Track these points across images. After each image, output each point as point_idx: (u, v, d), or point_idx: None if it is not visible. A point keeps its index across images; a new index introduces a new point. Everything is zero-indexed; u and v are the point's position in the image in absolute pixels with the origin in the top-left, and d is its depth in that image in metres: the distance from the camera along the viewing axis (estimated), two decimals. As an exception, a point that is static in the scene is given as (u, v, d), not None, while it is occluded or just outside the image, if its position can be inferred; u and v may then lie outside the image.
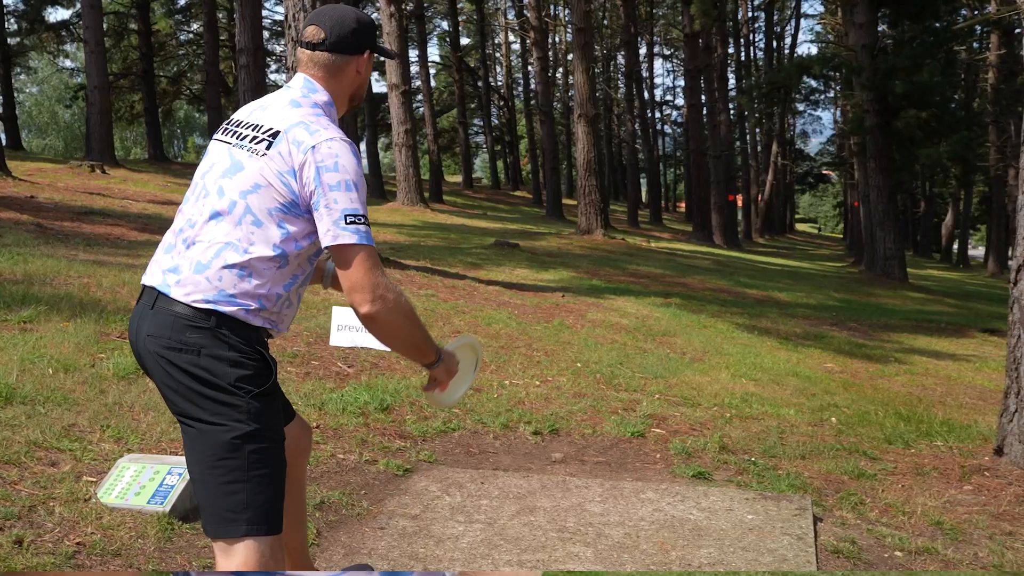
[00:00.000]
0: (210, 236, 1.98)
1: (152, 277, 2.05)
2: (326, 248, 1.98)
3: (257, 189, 1.97)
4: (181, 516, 3.02)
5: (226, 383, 1.91)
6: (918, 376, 7.66)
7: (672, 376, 6.40)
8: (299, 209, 1.97)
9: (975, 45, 31.42)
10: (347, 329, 5.96)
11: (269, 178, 1.96)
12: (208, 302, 1.94)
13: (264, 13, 36.35)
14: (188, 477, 3.06)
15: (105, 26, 24.21)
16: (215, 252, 1.96)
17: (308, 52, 2.11)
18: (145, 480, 3.09)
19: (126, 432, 3.72)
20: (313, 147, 1.94)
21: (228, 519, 1.89)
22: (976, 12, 26.79)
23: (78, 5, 24.03)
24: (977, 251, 51.69)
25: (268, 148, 1.97)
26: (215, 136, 2.14)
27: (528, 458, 4.26)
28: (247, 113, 2.13)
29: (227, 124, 2.12)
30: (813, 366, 7.61)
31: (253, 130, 2.03)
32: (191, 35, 33.75)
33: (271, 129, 2.00)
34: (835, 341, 9.30)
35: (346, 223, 1.93)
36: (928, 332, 10.86)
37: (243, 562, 1.88)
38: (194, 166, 31.36)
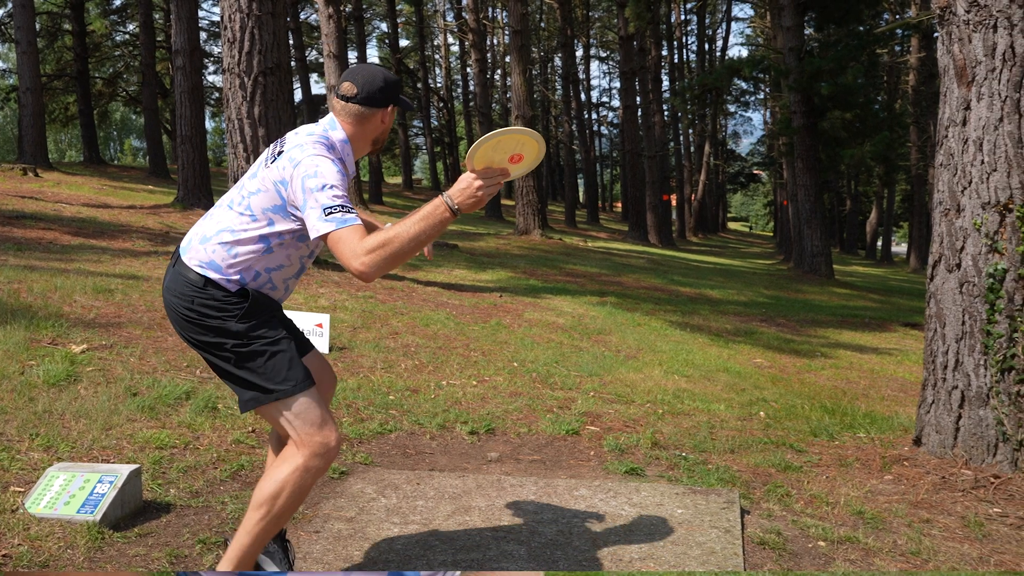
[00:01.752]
0: (215, 218, 2.53)
1: (182, 242, 2.59)
2: (315, 239, 2.43)
3: (259, 192, 2.49)
4: (112, 525, 2.99)
5: (213, 318, 2.46)
6: (843, 370, 7.91)
7: (607, 374, 6.51)
8: (286, 211, 2.47)
9: (897, 48, 32.49)
10: (284, 331, 5.91)
11: (267, 185, 2.47)
12: (201, 267, 2.49)
13: (201, 14, 35.63)
14: (119, 485, 3.04)
15: (38, 26, 23.50)
16: (216, 232, 2.50)
17: (341, 103, 2.58)
18: (75, 489, 3.05)
19: (56, 440, 3.65)
20: (298, 163, 2.40)
21: (249, 398, 2.46)
22: (897, 16, 27.69)
23: (9, 5, 23.20)
24: (900, 247, 53.44)
25: (273, 162, 2.49)
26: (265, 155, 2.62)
27: (464, 458, 4.30)
28: (281, 141, 2.60)
29: (273, 146, 2.61)
30: (743, 362, 7.80)
31: (275, 147, 2.55)
32: (127, 36, 32.91)
33: (281, 150, 2.50)
34: (764, 337, 9.54)
35: (325, 216, 2.31)
36: (853, 327, 11.21)
37: (279, 411, 2.44)
38: (131, 168, 30.50)
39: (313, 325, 5.99)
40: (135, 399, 4.35)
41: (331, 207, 2.30)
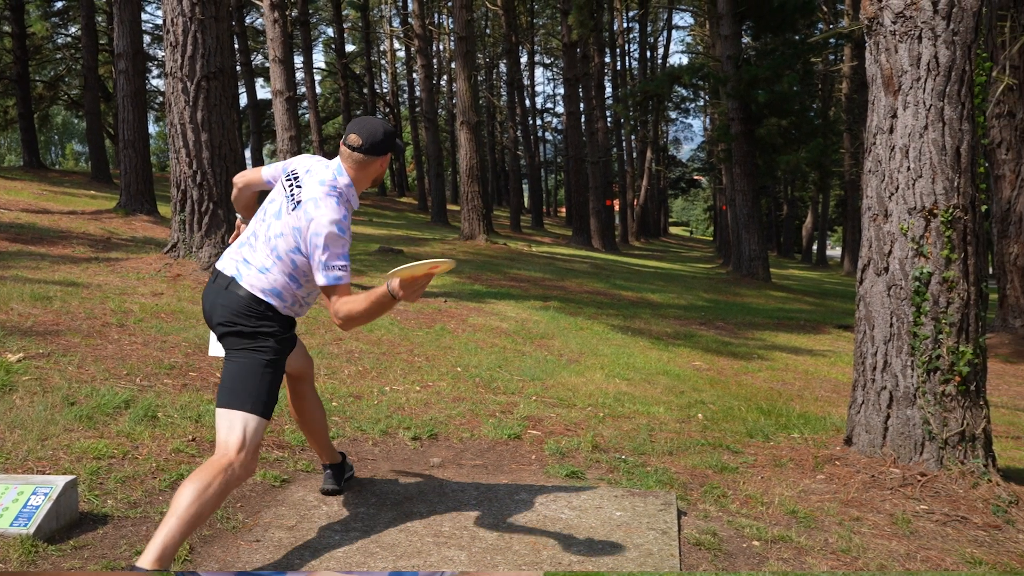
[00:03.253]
0: (265, 252, 3.02)
1: (227, 266, 3.06)
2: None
3: (282, 236, 3.00)
4: (46, 538, 2.94)
5: (257, 345, 2.99)
6: (779, 371, 8.09)
7: (549, 378, 6.57)
8: (303, 253, 2.99)
9: (831, 57, 33.33)
10: (225, 339, 5.85)
11: (288, 231, 2.99)
12: (258, 290, 2.99)
13: (144, 17, 34.92)
14: (54, 497, 2.99)
15: (-24, 28, 22.83)
16: (269, 265, 3.00)
17: (348, 151, 3.07)
18: (8, 502, 2.98)
19: (-16, 453, 3.57)
20: (311, 219, 2.92)
21: (236, 402, 2.88)
22: (831, 26, 28.41)
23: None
24: (835, 251, 54.75)
25: (294, 210, 2.98)
26: (284, 181, 3.11)
27: (407, 464, 4.31)
28: (301, 170, 3.10)
29: (291, 170, 3.12)
30: (682, 364, 7.94)
31: (294, 191, 3.02)
32: (69, 38, 32.10)
33: (300, 200, 2.98)
34: (703, 340, 9.71)
35: (325, 271, 2.92)
36: (788, 329, 11.47)
37: (242, 427, 2.87)
38: (73, 173, 29.78)
39: (254, 332, 5.93)
40: (72, 408, 4.27)
41: (331, 266, 2.92)
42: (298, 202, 2.97)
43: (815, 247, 42.36)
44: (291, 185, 3.05)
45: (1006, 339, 10.76)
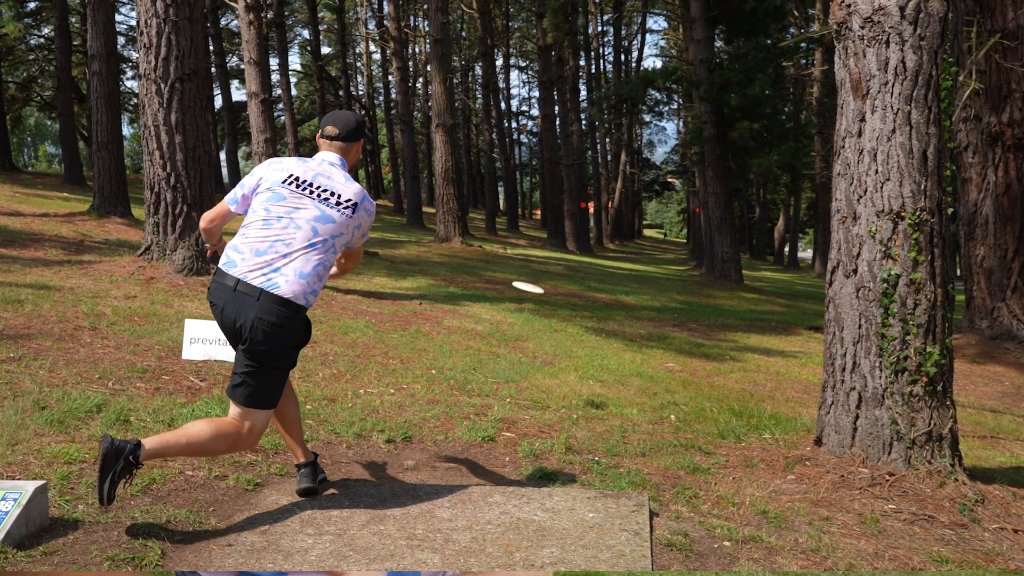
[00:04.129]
0: (304, 256, 3.36)
1: (254, 278, 3.32)
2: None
3: (341, 233, 3.46)
4: (16, 544, 2.91)
5: (294, 341, 3.43)
6: (751, 373, 8.17)
7: (523, 380, 6.59)
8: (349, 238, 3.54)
9: (802, 61, 33.67)
10: (200, 342, 5.83)
11: (347, 228, 3.47)
12: (295, 296, 3.33)
13: (118, 18, 34.50)
14: (24, 502, 2.96)
15: (-53, 29, 22.48)
16: (310, 269, 3.37)
17: (328, 141, 3.59)
18: (-26, 508, 2.95)
19: (-49, 459, 3.53)
20: (370, 211, 3.56)
21: (255, 402, 3.37)
22: (803, 31, 28.71)
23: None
24: (806, 253, 55.27)
25: (354, 212, 3.47)
26: (287, 187, 3.43)
27: (381, 467, 4.31)
28: (312, 175, 3.47)
29: (299, 181, 3.44)
30: (656, 366, 7.99)
31: (333, 196, 3.45)
32: (42, 39, 31.66)
33: (351, 201, 3.46)
34: (676, 341, 9.78)
35: (364, 237, 3.65)
36: (760, 331, 11.58)
37: (258, 420, 3.41)
38: (46, 175, 29.39)
39: (228, 335, 5.91)
40: (43, 413, 4.23)
41: (366, 233, 3.66)
42: (354, 204, 3.47)
43: (787, 249, 42.75)
44: (315, 189, 3.44)
45: (973, 340, 10.93)
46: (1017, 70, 10.64)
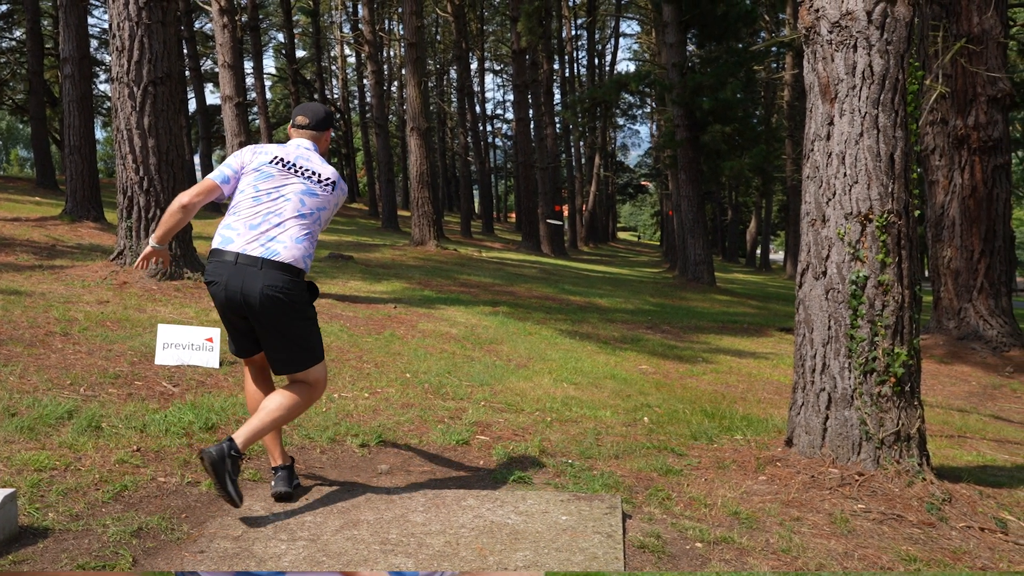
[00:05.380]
0: (297, 226, 3.57)
1: (253, 249, 3.48)
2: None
3: (324, 207, 3.70)
4: (-18, 553, 2.88)
5: (304, 301, 3.59)
6: (723, 374, 8.23)
7: (497, 383, 6.60)
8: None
9: (773, 65, 33.99)
10: (173, 347, 5.79)
11: (328, 204, 3.72)
12: (295, 261, 3.52)
13: (91, 21, 34.09)
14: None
15: (-82, 32, 22.17)
16: (303, 235, 3.57)
17: (299, 130, 3.84)
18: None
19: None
20: (344, 190, 3.83)
21: (308, 360, 3.63)
22: (773, 35, 28.99)
23: None
24: (778, 255, 55.74)
25: (333, 189, 3.72)
26: (273, 166, 3.65)
27: (355, 471, 4.30)
28: (294, 157, 3.71)
29: (284, 162, 3.67)
30: (629, 368, 8.03)
31: (314, 175, 3.68)
32: (13, 42, 31.25)
33: (329, 179, 3.71)
34: (650, 343, 9.83)
35: (331, 216, 3.83)
36: (733, 332, 11.68)
37: (318, 373, 3.69)
38: (18, 179, 28.92)
39: (203, 339, 5.88)
40: (13, 420, 4.19)
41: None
42: (332, 183, 3.71)
43: (759, 251, 43.12)
44: (299, 169, 3.67)
45: (940, 340, 11.09)
46: (982, 74, 10.82)
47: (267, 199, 3.58)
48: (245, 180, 3.64)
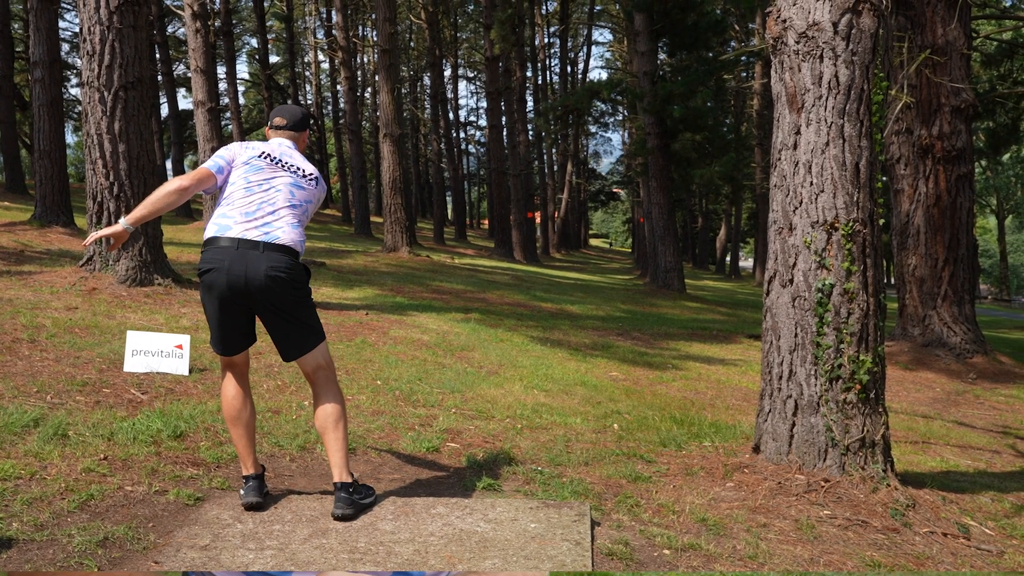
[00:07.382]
0: (290, 214, 3.72)
1: (253, 235, 3.60)
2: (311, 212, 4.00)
3: (311, 201, 3.86)
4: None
5: (304, 282, 3.73)
6: (692, 381, 8.30)
7: (468, 390, 6.60)
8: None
9: (743, 74, 34.34)
10: (142, 354, 5.74)
11: (313, 197, 3.87)
12: (295, 244, 3.68)
13: (62, 25, 33.67)
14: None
15: None
16: (296, 223, 3.74)
17: (276, 130, 3.96)
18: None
19: None
20: (324, 187, 3.97)
21: (314, 340, 3.76)
22: (743, 44, 29.29)
23: None
24: (747, 262, 56.21)
25: (316, 184, 3.89)
26: (262, 160, 3.78)
27: (324, 479, 4.28)
28: (279, 153, 3.84)
29: (271, 157, 3.80)
30: (600, 375, 8.06)
31: (299, 170, 3.83)
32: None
33: (312, 174, 3.87)
34: (620, 350, 9.88)
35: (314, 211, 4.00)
36: (702, 339, 11.76)
37: (324, 351, 3.80)
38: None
39: (173, 346, 5.83)
40: (-26, 429, 4.12)
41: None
42: (316, 178, 3.88)
43: (728, 258, 43.48)
44: (285, 164, 3.81)
45: (905, 347, 11.25)
46: (946, 85, 11.02)
47: (259, 190, 3.71)
48: (236, 173, 3.76)
